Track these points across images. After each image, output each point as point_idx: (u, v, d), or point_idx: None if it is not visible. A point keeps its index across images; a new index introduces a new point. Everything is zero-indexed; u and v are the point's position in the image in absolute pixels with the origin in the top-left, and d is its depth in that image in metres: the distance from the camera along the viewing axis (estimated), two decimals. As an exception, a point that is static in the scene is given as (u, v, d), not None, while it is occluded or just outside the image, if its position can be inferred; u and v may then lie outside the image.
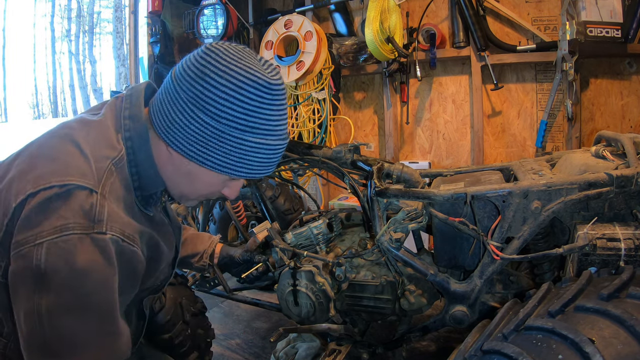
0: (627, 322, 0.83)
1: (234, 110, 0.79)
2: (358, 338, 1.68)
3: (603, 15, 2.37)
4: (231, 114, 0.79)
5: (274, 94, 0.82)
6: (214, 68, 0.79)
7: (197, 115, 0.80)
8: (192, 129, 0.81)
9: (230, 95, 0.78)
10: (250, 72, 0.80)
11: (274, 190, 2.40)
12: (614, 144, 1.47)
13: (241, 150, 0.83)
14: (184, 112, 0.80)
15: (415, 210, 1.47)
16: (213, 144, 0.81)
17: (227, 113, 0.79)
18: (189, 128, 0.81)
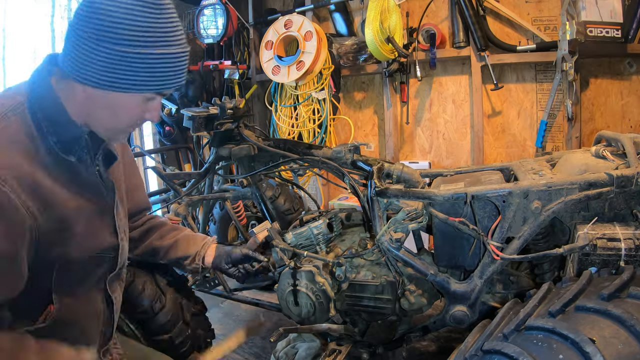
0: (627, 322, 0.83)
1: (130, 31, 0.86)
2: (358, 338, 1.68)
3: (603, 15, 2.37)
4: (128, 34, 0.86)
5: (159, 7, 0.89)
6: (102, 1, 0.87)
7: (99, 44, 0.86)
8: (98, 58, 0.87)
9: (121, 18, 0.86)
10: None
11: (274, 190, 2.40)
12: (614, 144, 1.47)
13: (146, 65, 0.89)
14: (89, 47, 0.87)
15: (415, 210, 1.47)
16: (118, 66, 0.88)
17: (122, 34, 0.86)
18: (94, 59, 0.87)
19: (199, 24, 3.38)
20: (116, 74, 0.89)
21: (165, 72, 0.92)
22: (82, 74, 0.89)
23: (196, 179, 2.12)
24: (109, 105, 0.94)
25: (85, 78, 0.89)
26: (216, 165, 2.08)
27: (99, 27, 0.85)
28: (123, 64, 0.88)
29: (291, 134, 3.24)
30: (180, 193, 2.06)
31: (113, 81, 0.89)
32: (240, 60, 3.56)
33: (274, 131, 3.41)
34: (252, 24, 3.50)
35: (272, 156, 1.89)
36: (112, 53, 0.87)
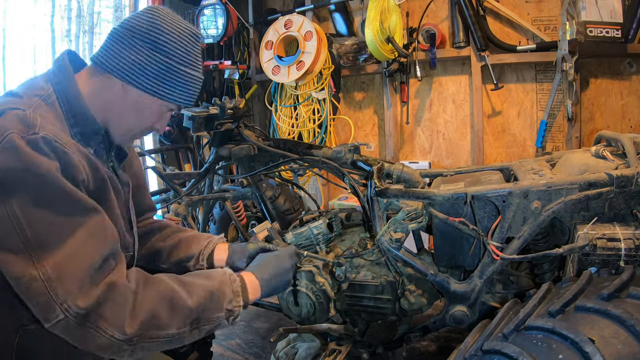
0: (627, 322, 0.83)
1: (179, 50, 1.05)
2: (358, 338, 1.68)
3: (603, 15, 2.37)
4: (178, 52, 1.05)
5: (198, 40, 1.11)
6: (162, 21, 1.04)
7: (155, 55, 1.02)
8: (151, 66, 1.02)
9: (177, 39, 1.04)
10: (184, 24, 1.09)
11: (274, 190, 2.40)
12: (614, 144, 1.47)
13: (183, 81, 1.07)
14: (143, 54, 1.02)
15: (415, 210, 1.47)
16: (166, 77, 1.04)
17: (176, 51, 1.04)
18: (149, 65, 1.02)
19: (199, 24, 3.38)
20: (161, 83, 1.04)
21: (191, 89, 1.11)
22: (129, 74, 1.02)
23: (196, 179, 2.12)
24: (139, 106, 1.07)
25: (132, 79, 1.02)
26: (216, 165, 2.08)
27: (157, 40, 1.02)
28: (169, 76, 1.04)
29: (291, 134, 3.24)
30: (180, 193, 2.06)
31: (156, 87, 1.04)
32: (240, 60, 3.56)
33: (274, 131, 3.41)
34: (252, 24, 3.50)
35: (272, 156, 1.89)
36: (162, 63, 1.03)
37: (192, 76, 1.09)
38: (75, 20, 3.28)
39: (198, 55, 1.11)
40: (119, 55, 1.02)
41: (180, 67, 1.05)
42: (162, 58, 1.02)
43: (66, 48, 1.34)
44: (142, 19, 1.03)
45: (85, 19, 3.45)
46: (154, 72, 1.03)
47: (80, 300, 0.83)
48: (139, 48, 1.01)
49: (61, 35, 3.22)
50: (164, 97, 1.06)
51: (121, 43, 1.02)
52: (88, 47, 4.02)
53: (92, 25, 3.84)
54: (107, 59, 1.03)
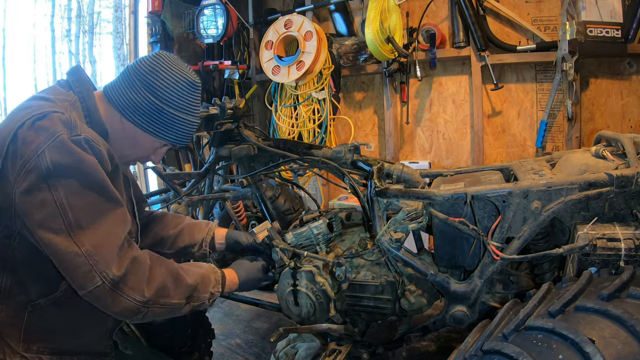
0: (627, 322, 0.83)
1: (172, 95, 1.18)
2: (358, 338, 1.68)
3: (603, 15, 2.37)
4: (171, 97, 1.18)
5: (196, 88, 1.24)
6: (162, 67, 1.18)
7: (148, 97, 1.16)
8: (143, 105, 1.16)
9: (171, 85, 1.18)
10: (185, 73, 1.22)
11: (274, 190, 2.40)
12: (614, 144, 1.47)
13: (172, 122, 1.20)
14: (139, 93, 1.16)
15: (415, 210, 1.47)
16: (155, 117, 1.18)
17: (168, 96, 1.18)
18: (141, 104, 1.16)
19: (199, 24, 3.38)
20: (151, 121, 1.18)
21: (183, 132, 1.24)
22: (126, 108, 1.17)
23: (196, 179, 2.12)
24: (133, 138, 1.21)
25: (127, 113, 1.17)
26: (216, 165, 2.08)
27: (152, 83, 1.16)
28: (158, 116, 1.18)
29: (291, 134, 3.24)
30: (180, 193, 2.06)
31: (146, 124, 1.18)
32: (240, 60, 3.56)
33: (274, 131, 3.41)
34: (252, 24, 3.50)
35: (272, 156, 1.89)
36: (154, 105, 1.17)
37: (182, 120, 1.21)
38: (75, 20, 3.28)
39: (193, 101, 1.23)
40: (121, 90, 1.17)
41: (171, 111, 1.18)
42: (154, 100, 1.16)
43: (66, 48, 1.49)
44: (147, 62, 1.18)
45: (85, 19, 3.45)
46: (147, 112, 1.16)
47: (115, 269, 1.00)
48: (137, 88, 1.16)
49: (61, 35, 3.22)
50: (155, 135, 1.20)
51: (125, 80, 1.18)
52: (88, 47, 4.02)
53: (92, 25, 3.83)
54: (112, 91, 1.19)
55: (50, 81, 3.61)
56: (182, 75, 1.20)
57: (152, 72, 1.17)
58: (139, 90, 1.16)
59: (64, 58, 3.85)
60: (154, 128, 1.19)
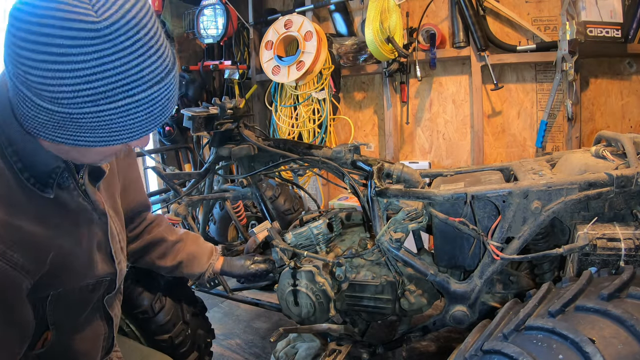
0: (627, 322, 0.83)
1: (65, 86, 0.62)
2: (358, 338, 1.68)
3: (603, 15, 2.37)
4: (64, 91, 0.63)
5: (112, 38, 0.62)
6: (25, 40, 0.61)
7: (37, 104, 0.67)
8: (43, 118, 0.68)
9: (53, 70, 0.61)
10: (66, 20, 0.59)
11: (274, 190, 2.40)
12: (614, 144, 1.47)
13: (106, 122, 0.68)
14: (27, 103, 0.68)
15: (415, 210, 1.47)
16: (71, 126, 0.68)
17: (60, 92, 0.63)
18: (40, 118, 0.69)
19: (199, 24, 3.38)
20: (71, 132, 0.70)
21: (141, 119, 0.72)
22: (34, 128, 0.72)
23: (196, 179, 2.12)
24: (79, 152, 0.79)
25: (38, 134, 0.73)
26: (216, 165, 2.08)
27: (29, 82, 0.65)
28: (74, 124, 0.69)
29: (291, 134, 3.24)
30: (180, 193, 2.06)
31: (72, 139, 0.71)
32: (240, 60, 3.56)
33: (274, 131, 3.41)
34: (252, 24, 3.50)
35: (272, 156, 1.89)
36: (55, 114, 0.67)
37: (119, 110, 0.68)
38: (75, 20, 3.29)
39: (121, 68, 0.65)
40: (16, 105, 0.72)
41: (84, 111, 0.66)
42: (45, 105, 0.67)
43: None
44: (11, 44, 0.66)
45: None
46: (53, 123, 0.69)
47: None
48: (22, 95, 0.69)
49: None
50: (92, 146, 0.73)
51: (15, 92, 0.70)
52: (88, 47, 4.02)
53: (92, 25, 3.83)
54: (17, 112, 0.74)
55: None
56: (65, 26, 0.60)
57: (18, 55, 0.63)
58: (23, 96, 0.68)
59: (64, 58, 3.80)
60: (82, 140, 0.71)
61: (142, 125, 0.73)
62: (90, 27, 0.60)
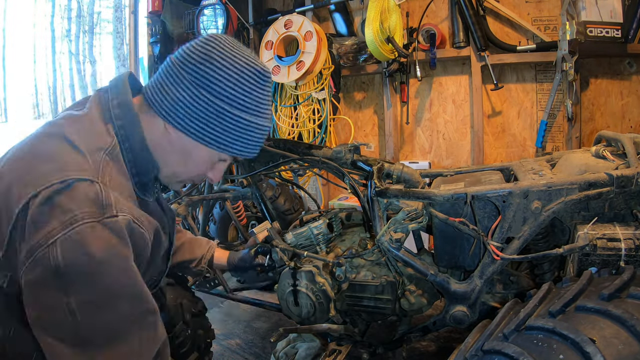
0: (627, 322, 0.83)
1: (234, 91, 0.88)
2: (358, 338, 1.67)
3: (603, 15, 2.36)
4: (232, 93, 0.88)
5: (266, 80, 0.94)
6: (219, 53, 0.88)
7: (202, 94, 0.87)
8: (196, 106, 0.87)
9: (232, 77, 0.88)
10: (249, 60, 0.91)
11: (274, 190, 2.40)
12: (614, 144, 1.47)
13: (236, 128, 0.91)
14: (188, 91, 0.87)
15: (415, 211, 1.47)
16: (213, 121, 0.89)
17: (229, 92, 0.88)
18: (193, 106, 0.87)
19: (199, 24, 3.38)
20: (207, 127, 0.89)
21: (251, 140, 0.95)
22: (174, 114, 0.89)
23: (196, 179, 2.12)
24: (184, 151, 0.94)
25: (176, 120, 0.89)
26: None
27: (206, 76, 0.87)
28: (217, 120, 0.89)
29: (291, 134, 3.24)
30: (180, 193, 2.06)
31: (201, 132, 0.90)
32: (240, 60, 3.56)
33: (274, 131, 3.41)
34: (252, 24, 3.49)
35: (272, 156, 1.89)
36: (211, 106, 0.88)
37: (249, 124, 0.91)
38: (75, 20, 3.29)
39: (263, 98, 0.92)
40: (164, 90, 0.89)
41: (234, 112, 0.89)
42: (210, 98, 0.87)
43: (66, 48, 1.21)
44: (197, 49, 0.89)
45: (85, 19, 3.44)
46: (201, 114, 0.88)
47: None
48: (186, 84, 0.87)
49: (61, 35, 3.23)
50: (211, 145, 0.91)
51: (169, 75, 0.89)
52: (88, 47, 4.02)
53: (92, 25, 3.83)
54: (152, 92, 0.91)
55: (51, 81, 3.58)
56: (246, 63, 0.89)
57: (205, 60, 0.87)
58: (188, 86, 0.87)
59: (64, 58, 3.83)
60: (211, 136, 0.90)
61: (253, 145, 0.96)
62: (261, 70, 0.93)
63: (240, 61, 0.89)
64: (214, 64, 0.87)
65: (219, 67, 0.87)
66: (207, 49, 0.88)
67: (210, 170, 1.01)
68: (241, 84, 0.88)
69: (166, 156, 0.95)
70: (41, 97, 27.13)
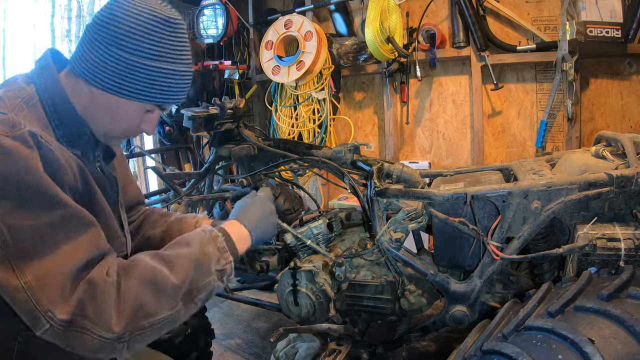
0: (626, 322, 0.83)
1: (140, 42, 0.92)
2: (358, 338, 1.68)
3: (603, 15, 2.36)
4: (138, 44, 0.92)
5: (174, 27, 0.96)
6: (122, 10, 0.92)
7: (112, 51, 0.91)
8: (108, 63, 0.92)
9: (138, 30, 0.91)
10: (153, 10, 0.94)
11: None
12: (614, 144, 1.47)
13: (151, 77, 0.94)
14: (100, 50, 0.92)
15: (415, 210, 1.47)
16: (127, 74, 0.93)
17: (135, 44, 0.92)
18: (106, 63, 0.92)
19: (199, 24, 3.38)
20: (123, 81, 0.93)
21: (169, 86, 0.98)
22: (91, 73, 0.93)
23: (196, 179, 2.12)
24: (110, 108, 0.98)
25: (93, 79, 0.94)
26: (216, 165, 2.09)
27: (113, 34, 0.91)
28: (130, 72, 0.93)
29: (291, 134, 3.24)
30: (180, 193, 2.06)
31: (118, 86, 0.94)
32: (240, 60, 3.56)
33: (274, 131, 3.41)
34: (252, 24, 3.50)
35: (272, 156, 1.89)
36: (122, 60, 0.92)
37: (161, 70, 0.95)
38: (75, 20, 3.28)
39: (173, 43, 0.95)
40: (82, 53, 0.94)
41: (144, 62, 0.92)
42: (120, 53, 0.91)
43: (66, 48, 1.28)
44: (104, 11, 0.94)
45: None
46: (114, 69, 0.92)
47: (61, 308, 0.78)
48: (98, 44, 0.92)
49: (61, 35, 3.23)
50: (131, 97, 0.95)
51: (84, 40, 0.95)
52: (88, 47, 4.03)
53: (92, 25, 3.84)
54: (74, 61, 0.96)
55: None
56: (151, 13, 0.92)
57: (110, 19, 0.91)
58: (100, 46, 0.91)
59: (64, 58, 3.83)
60: (128, 89, 0.94)
61: (173, 91, 0.99)
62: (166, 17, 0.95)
63: (144, 13, 0.92)
64: (119, 19, 0.91)
65: (123, 22, 0.91)
66: (112, 8, 0.93)
67: (142, 122, 1.03)
68: (146, 33, 0.92)
69: (95, 116, 0.99)
70: (41, 97, 27.09)
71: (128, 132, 1.05)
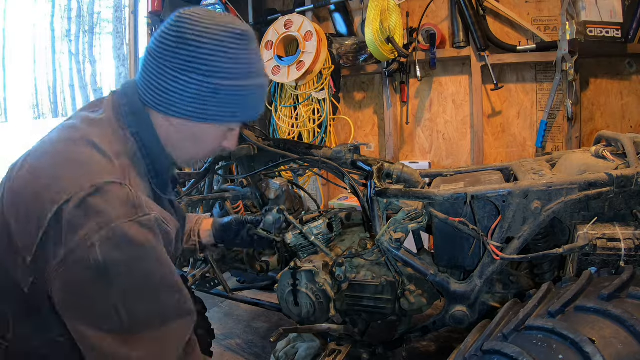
0: (627, 322, 0.83)
1: (220, 63, 0.88)
2: (358, 338, 1.68)
3: (603, 15, 2.37)
4: (218, 66, 0.88)
5: (247, 40, 0.92)
6: (192, 32, 0.87)
7: (190, 77, 0.87)
8: (188, 91, 0.88)
9: (214, 51, 0.87)
10: (224, 27, 0.89)
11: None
12: (614, 144, 1.47)
13: (235, 97, 0.91)
14: (175, 78, 0.87)
15: (415, 210, 1.47)
16: (210, 98, 0.89)
17: (215, 66, 0.87)
18: (184, 91, 0.88)
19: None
20: (206, 106, 0.90)
21: (251, 102, 0.95)
22: (169, 104, 0.90)
23: (196, 179, 2.12)
24: (193, 136, 0.96)
25: (173, 110, 0.91)
26: (216, 165, 2.08)
27: (188, 59, 0.86)
28: (214, 96, 0.89)
29: (291, 134, 3.24)
30: (180, 193, 2.06)
31: (202, 113, 0.91)
32: (241, 60, 3.56)
33: (274, 131, 3.41)
34: (252, 24, 3.49)
35: (272, 156, 1.89)
36: (203, 85, 0.88)
37: (245, 88, 0.91)
38: (75, 20, 3.29)
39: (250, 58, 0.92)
40: (150, 83, 0.90)
41: (227, 83, 0.89)
42: (199, 79, 0.87)
43: (66, 48, 1.25)
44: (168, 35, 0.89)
45: (85, 19, 3.45)
46: (195, 96, 0.88)
47: None
48: (170, 72, 0.87)
49: (61, 35, 3.24)
50: (216, 121, 0.93)
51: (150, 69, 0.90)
52: (88, 47, 4.02)
53: (92, 25, 3.83)
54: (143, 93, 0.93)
55: (51, 81, 3.58)
56: (224, 30, 0.88)
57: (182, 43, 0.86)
58: (173, 74, 0.87)
59: (64, 58, 3.83)
60: (212, 113, 0.91)
61: (255, 106, 0.97)
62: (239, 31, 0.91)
63: (216, 31, 0.87)
64: (191, 43, 0.86)
65: (197, 45, 0.86)
66: (180, 31, 0.88)
67: (224, 140, 1.03)
68: (223, 53, 0.87)
69: (176, 146, 0.97)
70: (41, 97, 27.12)
71: (212, 153, 1.06)
